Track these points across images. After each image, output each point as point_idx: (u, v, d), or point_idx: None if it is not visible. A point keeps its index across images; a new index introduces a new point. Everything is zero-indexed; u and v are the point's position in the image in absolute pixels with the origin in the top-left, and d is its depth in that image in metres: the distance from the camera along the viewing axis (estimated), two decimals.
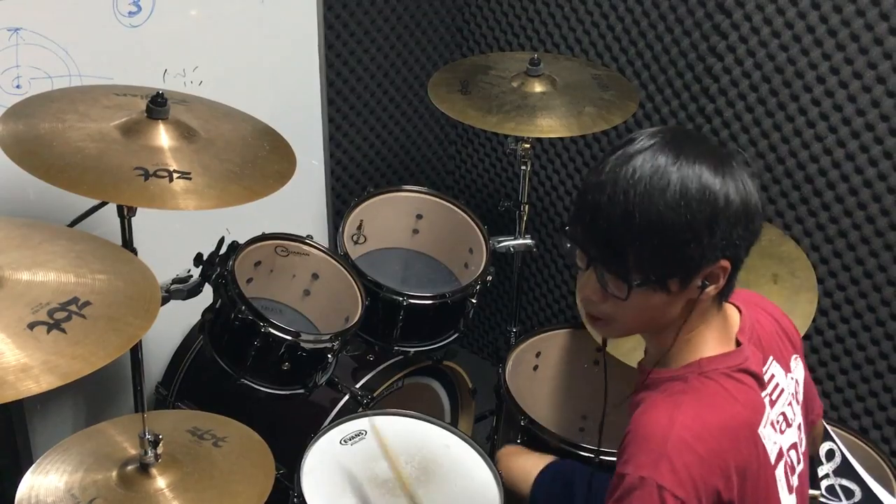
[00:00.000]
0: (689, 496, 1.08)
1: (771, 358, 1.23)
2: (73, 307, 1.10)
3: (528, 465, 1.64)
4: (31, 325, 1.06)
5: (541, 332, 2.12)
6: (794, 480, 1.25)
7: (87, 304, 1.11)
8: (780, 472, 1.20)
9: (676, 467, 1.08)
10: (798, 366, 1.30)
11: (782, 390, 1.23)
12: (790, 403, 1.24)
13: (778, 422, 1.21)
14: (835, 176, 2.08)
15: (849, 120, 2.02)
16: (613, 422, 2.05)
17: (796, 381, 1.27)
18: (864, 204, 2.06)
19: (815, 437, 1.41)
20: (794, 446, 1.25)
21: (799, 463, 1.26)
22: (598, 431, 1.44)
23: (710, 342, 1.19)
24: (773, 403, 1.21)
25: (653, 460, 1.09)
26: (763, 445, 1.17)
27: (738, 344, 1.21)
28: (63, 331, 1.06)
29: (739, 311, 1.25)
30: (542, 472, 1.60)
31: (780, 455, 1.21)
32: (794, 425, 1.25)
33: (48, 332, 1.05)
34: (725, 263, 1.13)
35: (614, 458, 1.75)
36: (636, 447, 1.12)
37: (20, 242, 1.21)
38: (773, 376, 1.22)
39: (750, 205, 1.12)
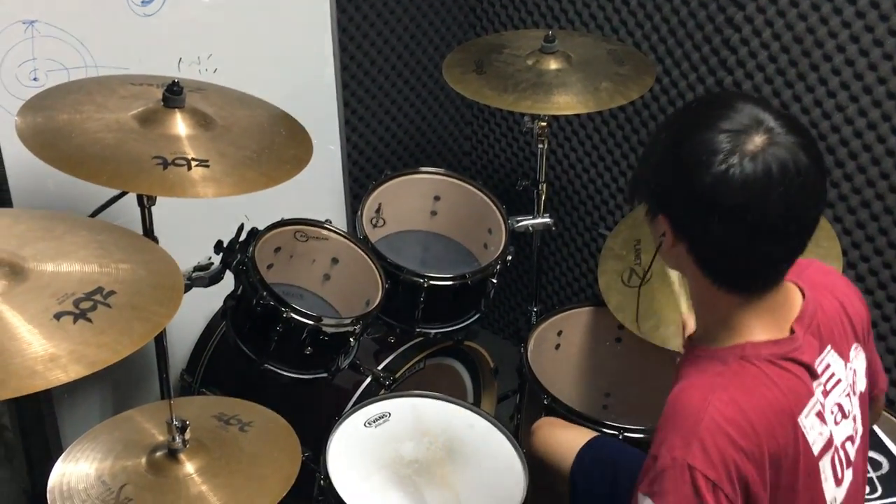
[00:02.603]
0: (720, 478, 1.07)
1: (829, 347, 1.20)
2: (97, 297, 1.11)
3: (568, 438, 1.63)
4: (58, 316, 1.07)
5: (562, 311, 2.12)
6: (846, 474, 1.21)
7: (111, 293, 1.12)
8: (825, 464, 1.18)
9: (708, 449, 1.08)
10: (858, 355, 1.26)
11: (839, 380, 1.20)
12: (848, 394, 1.21)
13: (832, 412, 1.18)
14: (857, 146, 2.05)
15: (870, 89, 1.99)
16: (637, 399, 2.06)
17: (855, 371, 1.24)
18: (886, 174, 2.03)
19: (874, 412, 1.37)
20: (850, 438, 1.22)
21: (852, 456, 1.22)
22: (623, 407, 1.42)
23: (758, 327, 1.16)
24: (826, 393, 1.18)
25: (685, 441, 1.09)
26: (803, 434, 1.14)
27: (793, 332, 1.17)
28: (89, 320, 1.07)
29: (804, 295, 1.21)
30: (584, 447, 1.59)
31: (828, 446, 1.18)
32: (851, 417, 1.22)
33: (74, 321, 1.06)
34: (665, 221, 1.14)
35: (639, 435, 1.78)
36: (670, 428, 1.12)
37: (43, 234, 1.22)
38: (828, 366, 1.19)
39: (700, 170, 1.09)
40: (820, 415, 1.17)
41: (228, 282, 1.85)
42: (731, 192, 1.08)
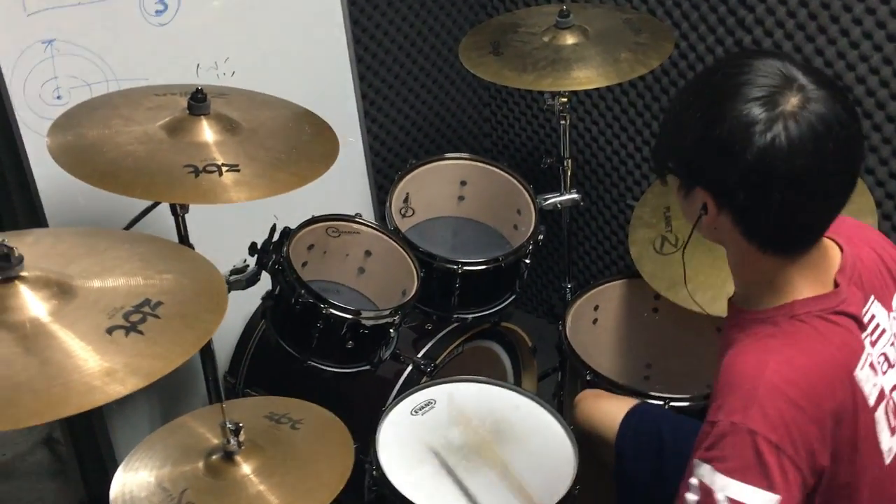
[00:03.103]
0: (782, 440, 1.06)
1: (872, 297, 1.20)
2: (146, 308, 1.12)
3: (612, 408, 1.63)
4: (110, 330, 1.08)
5: (597, 286, 2.12)
6: None
7: (158, 304, 1.14)
8: (880, 414, 1.17)
9: (768, 412, 1.07)
10: None
11: (884, 330, 1.20)
12: (893, 343, 1.21)
13: (879, 363, 1.18)
14: (884, 95, 2.02)
15: (893, 36, 1.96)
16: (679, 368, 2.06)
17: None
18: None
19: None
20: (895, 388, 1.21)
21: None
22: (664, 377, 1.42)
23: (803, 284, 1.16)
24: (873, 344, 1.18)
25: (743, 405, 1.08)
26: (860, 388, 1.14)
27: (836, 285, 1.17)
28: (140, 332, 1.09)
29: (841, 249, 1.21)
30: (627, 416, 1.59)
31: (881, 396, 1.18)
32: None
33: (126, 335, 1.08)
34: (704, 193, 1.12)
35: (684, 404, 1.78)
36: (726, 393, 1.11)
37: (86, 251, 1.24)
38: (873, 317, 1.19)
39: (736, 139, 1.07)
40: (872, 366, 1.16)
41: (262, 282, 1.87)
42: (781, 158, 1.06)
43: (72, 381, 1.01)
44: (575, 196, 2.18)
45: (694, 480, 1.09)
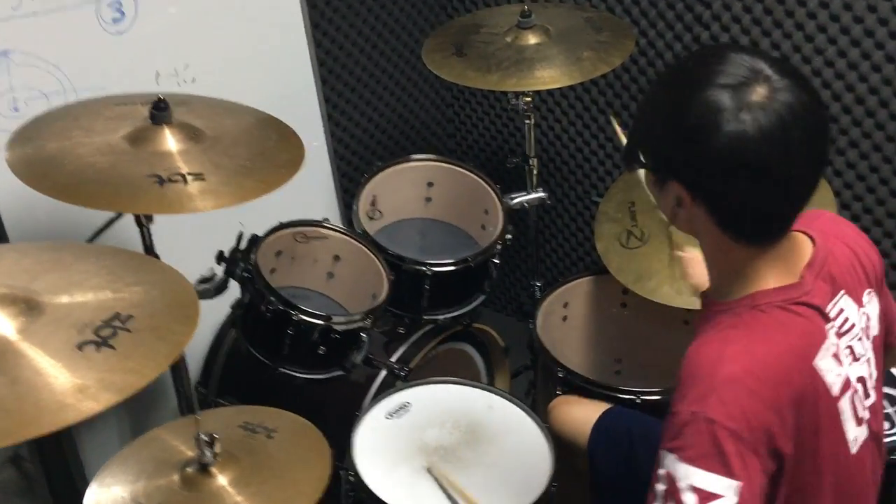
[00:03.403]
0: (740, 428, 1.08)
1: (842, 292, 1.21)
2: (116, 322, 1.11)
3: (583, 414, 1.65)
4: (80, 346, 1.06)
5: (565, 283, 2.13)
6: (864, 413, 1.23)
7: (129, 317, 1.12)
8: (844, 404, 1.19)
9: (726, 400, 1.09)
10: (871, 300, 1.27)
11: (853, 325, 1.22)
12: (860, 338, 1.23)
13: (844, 354, 1.20)
14: (839, 87, 2.07)
15: (847, 29, 2.00)
16: (648, 361, 2.08)
17: (868, 316, 1.25)
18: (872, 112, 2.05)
19: (891, 358, 1.37)
20: (861, 380, 1.23)
21: (868, 396, 1.24)
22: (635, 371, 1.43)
23: (768, 275, 1.17)
24: (840, 335, 1.19)
25: (702, 395, 1.10)
26: (821, 377, 1.16)
27: (801, 277, 1.18)
28: (112, 347, 1.07)
29: (814, 243, 1.22)
30: (598, 421, 1.61)
31: (845, 387, 1.19)
32: (863, 360, 1.23)
33: (97, 350, 1.06)
34: (677, 186, 1.14)
35: (655, 397, 1.80)
36: (686, 384, 1.13)
37: (51, 266, 1.21)
38: (841, 310, 1.21)
39: (703, 127, 1.08)
40: (836, 356, 1.18)
41: (230, 291, 1.85)
42: (751, 147, 1.08)
43: (42, 400, 0.99)
44: (542, 195, 2.20)
45: (661, 471, 1.11)
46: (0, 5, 1.76)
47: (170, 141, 1.56)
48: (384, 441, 1.68)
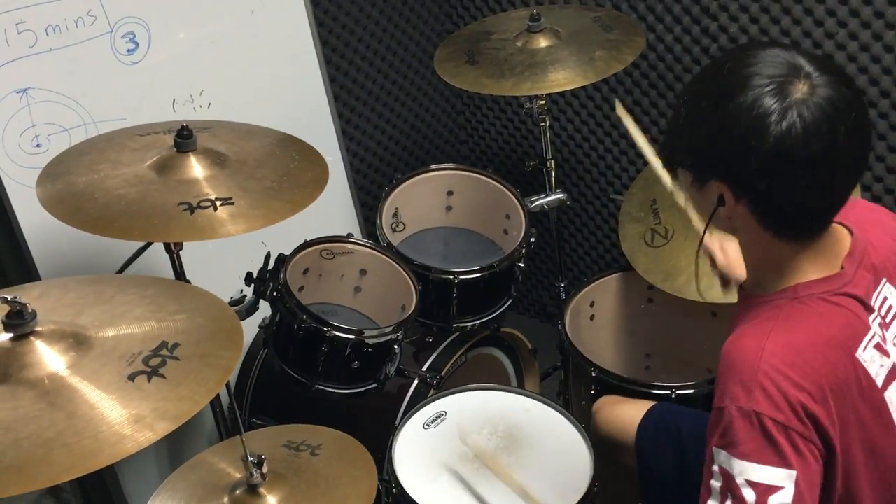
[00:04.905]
0: (788, 419, 1.09)
1: (884, 280, 1.21)
2: (164, 351, 1.12)
3: (629, 412, 1.65)
4: (132, 377, 1.08)
5: (591, 282, 2.14)
6: None
7: (176, 345, 1.14)
8: (892, 394, 1.19)
9: (771, 393, 1.09)
10: None
11: None
12: None
13: (892, 345, 1.20)
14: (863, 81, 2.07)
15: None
16: (678, 356, 2.09)
17: None
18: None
19: None
20: None
21: None
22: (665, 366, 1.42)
23: (809, 268, 1.18)
24: (885, 326, 1.19)
25: (746, 389, 1.10)
26: (863, 368, 1.16)
27: (842, 268, 1.19)
28: (162, 376, 1.09)
29: (851, 233, 1.23)
30: (645, 416, 1.61)
31: (892, 376, 1.19)
32: None
33: (149, 380, 1.08)
34: (719, 185, 1.14)
35: (689, 391, 1.80)
36: (729, 379, 1.13)
37: (94, 299, 1.23)
38: (885, 299, 1.21)
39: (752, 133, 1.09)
40: (879, 347, 1.18)
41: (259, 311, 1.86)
42: (798, 145, 1.08)
43: (101, 433, 1.01)
44: (561, 196, 2.21)
45: (715, 467, 1.11)
46: (17, 44, 1.78)
47: (196, 168, 1.58)
48: (423, 451, 1.69)
